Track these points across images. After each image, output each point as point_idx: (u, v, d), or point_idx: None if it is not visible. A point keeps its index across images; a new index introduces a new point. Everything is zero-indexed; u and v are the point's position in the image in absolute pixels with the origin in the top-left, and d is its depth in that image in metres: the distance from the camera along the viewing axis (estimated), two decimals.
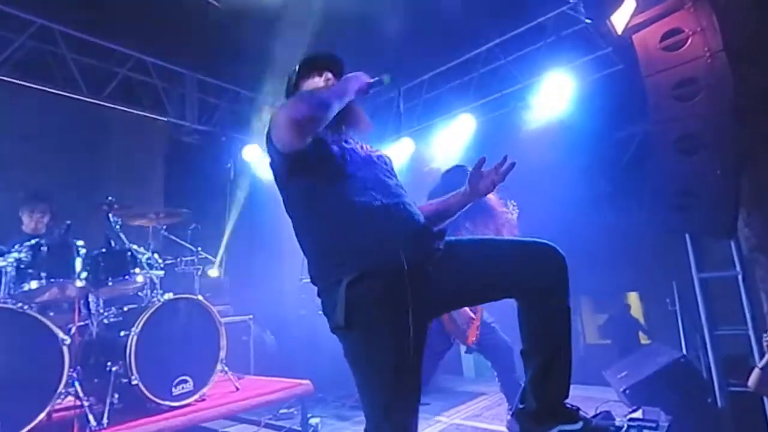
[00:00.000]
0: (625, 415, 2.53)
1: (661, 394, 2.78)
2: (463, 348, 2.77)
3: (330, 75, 1.60)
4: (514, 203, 2.85)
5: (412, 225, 1.34)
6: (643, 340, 5.25)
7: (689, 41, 2.85)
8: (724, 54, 2.75)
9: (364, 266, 1.23)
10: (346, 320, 1.21)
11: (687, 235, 3.25)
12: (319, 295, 1.36)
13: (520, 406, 1.39)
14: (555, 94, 4.43)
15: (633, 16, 3.06)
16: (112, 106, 4.57)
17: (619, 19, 3.12)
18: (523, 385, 1.40)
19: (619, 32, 3.14)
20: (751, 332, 2.95)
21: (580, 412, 1.36)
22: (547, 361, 1.33)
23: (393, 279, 1.21)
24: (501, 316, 2.74)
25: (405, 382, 1.23)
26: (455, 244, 1.40)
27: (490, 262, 1.35)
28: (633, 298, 5.61)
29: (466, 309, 2.56)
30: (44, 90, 4.19)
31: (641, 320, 5.41)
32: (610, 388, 3.46)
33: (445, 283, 1.32)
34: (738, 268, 3.07)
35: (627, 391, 2.96)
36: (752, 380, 2.61)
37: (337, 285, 1.24)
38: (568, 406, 1.34)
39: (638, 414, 2.42)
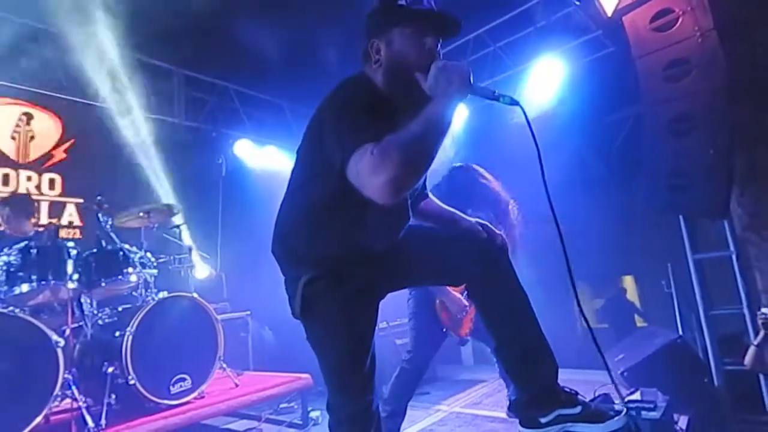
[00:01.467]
0: (624, 397, 2.55)
1: (659, 375, 2.80)
2: (457, 340, 2.74)
3: (431, 42, 1.28)
4: (514, 202, 2.86)
5: (386, 248, 1.35)
6: (640, 323, 5.29)
7: (679, 21, 2.83)
8: (715, 33, 2.73)
9: (324, 271, 1.29)
10: (302, 312, 1.32)
11: (681, 216, 3.25)
12: (282, 273, 1.40)
13: (513, 398, 1.39)
14: (546, 79, 4.40)
15: None
16: (97, 104, 4.49)
17: (609, 1, 3.10)
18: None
19: (609, 14, 3.12)
20: (746, 311, 2.97)
21: (579, 396, 1.36)
22: (517, 349, 1.34)
23: (347, 282, 1.29)
24: None
25: (353, 367, 1.34)
26: (409, 230, 1.45)
27: (437, 248, 1.40)
28: (629, 282, 5.64)
29: (461, 297, 2.54)
30: (30, 90, 4.13)
31: (637, 303, 5.45)
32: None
33: (399, 268, 1.39)
34: (732, 247, 3.08)
35: (625, 374, 2.97)
36: (748, 358, 2.63)
37: (297, 280, 1.30)
38: (566, 389, 1.33)
39: (636, 395, 2.43)
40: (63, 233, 4.15)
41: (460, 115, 5.03)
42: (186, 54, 4.76)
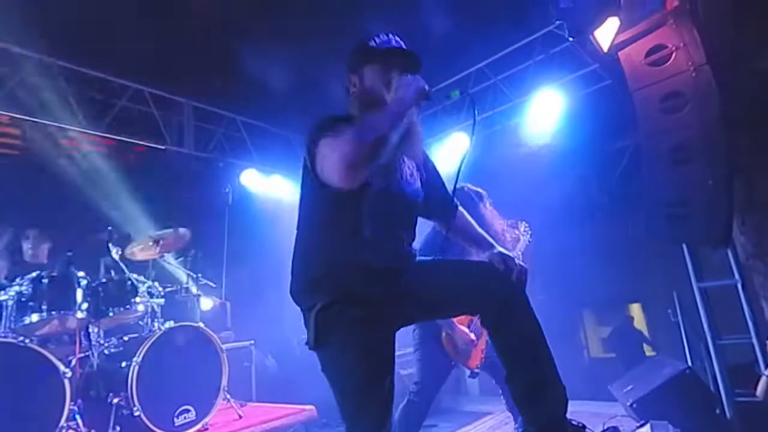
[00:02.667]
0: (633, 430, 2.51)
1: (669, 407, 2.76)
2: (467, 372, 2.72)
3: (396, 75, 1.45)
4: (527, 224, 2.89)
5: (392, 264, 1.40)
6: (648, 352, 5.20)
7: (673, 56, 2.93)
8: (708, 67, 2.82)
9: (337, 295, 1.33)
10: (316, 341, 1.35)
11: (684, 245, 3.27)
12: (301, 311, 1.43)
13: (521, 430, 1.39)
14: (546, 111, 4.51)
15: (617, 33, 3.15)
16: (110, 136, 4.62)
17: (605, 37, 3.21)
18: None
19: (605, 49, 3.23)
20: (754, 340, 2.94)
21: (586, 429, 1.36)
22: (529, 378, 1.36)
23: (361, 306, 1.32)
24: None
25: (371, 394, 1.33)
26: (423, 264, 1.50)
27: (451, 281, 1.45)
28: (636, 310, 5.59)
29: (466, 330, 2.54)
30: (40, 122, 4.25)
31: (645, 332, 5.38)
32: (617, 402, 3.42)
33: (412, 300, 1.43)
34: (736, 276, 3.08)
35: (634, 405, 2.92)
36: (760, 389, 2.59)
37: (311, 309, 1.35)
38: (574, 422, 1.34)
39: (646, 428, 2.40)
40: None
41: (460, 147, 5.11)
42: (196, 87, 4.93)
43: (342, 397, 1.35)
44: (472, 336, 2.54)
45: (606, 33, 3.20)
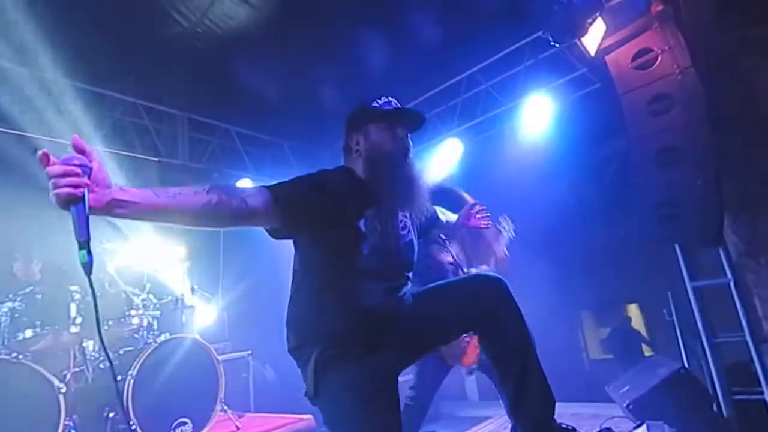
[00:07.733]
0: (630, 431, 2.51)
1: (665, 407, 2.76)
2: (464, 370, 2.72)
3: (401, 132, 1.50)
4: (506, 216, 2.96)
5: (387, 316, 1.39)
6: (647, 352, 5.21)
7: (659, 59, 2.98)
8: (693, 69, 2.87)
9: (333, 344, 1.32)
10: (316, 392, 1.32)
11: (677, 245, 3.29)
12: (298, 366, 1.43)
13: None
14: (537, 115, 4.55)
15: (604, 38, 3.20)
16: (105, 149, 4.62)
17: (591, 42, 3.25)
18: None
19: (592, 54, 3.27)
20: (748, 338, 2.96)
21: None
22: (518, 382, 1.38)
23: (358, 353, 1.31)
24: None
25: None
26: (415, 297, 1.50)
27: (444, 308, 1.45)
28: (633, 310, 5.60)
29: None
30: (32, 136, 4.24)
31: (643, 332, 5.39)
32: (615, 404, 3.42)
33: (410, 338, 1.42)
34: (729, 274, 3.09)
35: (630, 407, 2.93)
36: None
37: (308, 360, 1.33)
38: (563, 425, 1.35)
39: (642, 429, 2.40)
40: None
41: (456, 151, 5.14)
42: (189, 98, 4.95)
43: None
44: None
45: (592, 37, 3.24)
